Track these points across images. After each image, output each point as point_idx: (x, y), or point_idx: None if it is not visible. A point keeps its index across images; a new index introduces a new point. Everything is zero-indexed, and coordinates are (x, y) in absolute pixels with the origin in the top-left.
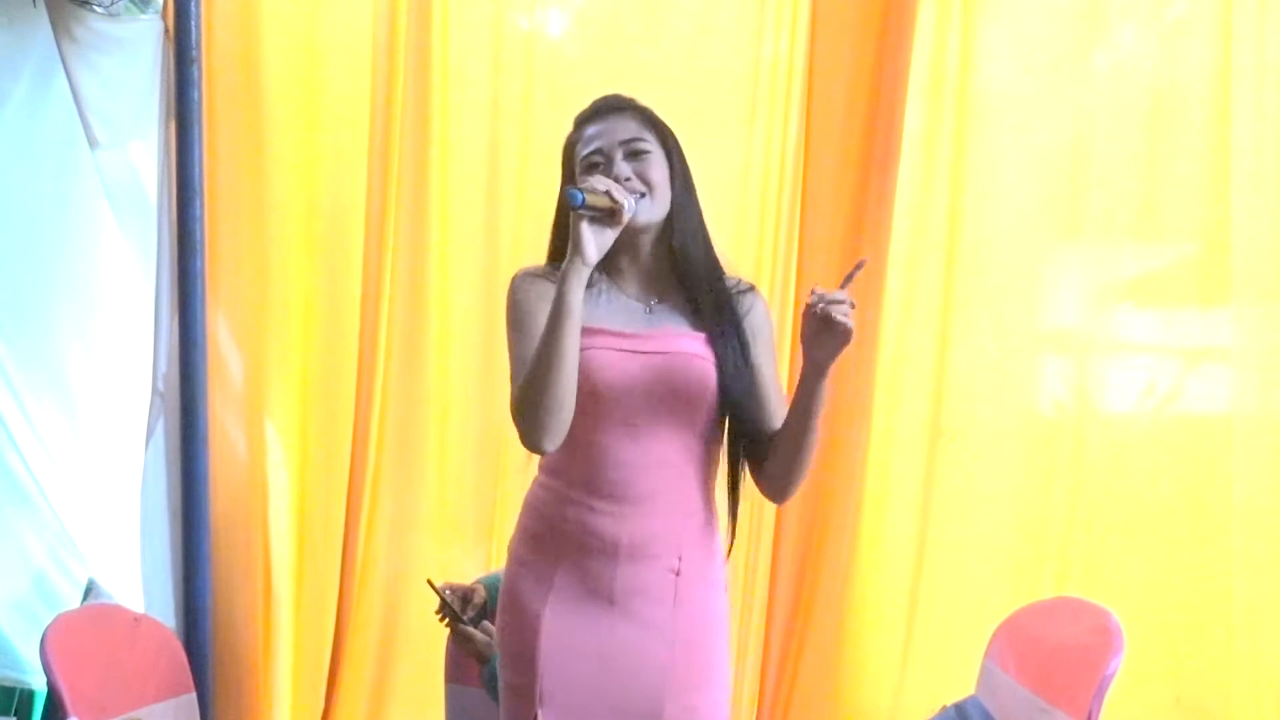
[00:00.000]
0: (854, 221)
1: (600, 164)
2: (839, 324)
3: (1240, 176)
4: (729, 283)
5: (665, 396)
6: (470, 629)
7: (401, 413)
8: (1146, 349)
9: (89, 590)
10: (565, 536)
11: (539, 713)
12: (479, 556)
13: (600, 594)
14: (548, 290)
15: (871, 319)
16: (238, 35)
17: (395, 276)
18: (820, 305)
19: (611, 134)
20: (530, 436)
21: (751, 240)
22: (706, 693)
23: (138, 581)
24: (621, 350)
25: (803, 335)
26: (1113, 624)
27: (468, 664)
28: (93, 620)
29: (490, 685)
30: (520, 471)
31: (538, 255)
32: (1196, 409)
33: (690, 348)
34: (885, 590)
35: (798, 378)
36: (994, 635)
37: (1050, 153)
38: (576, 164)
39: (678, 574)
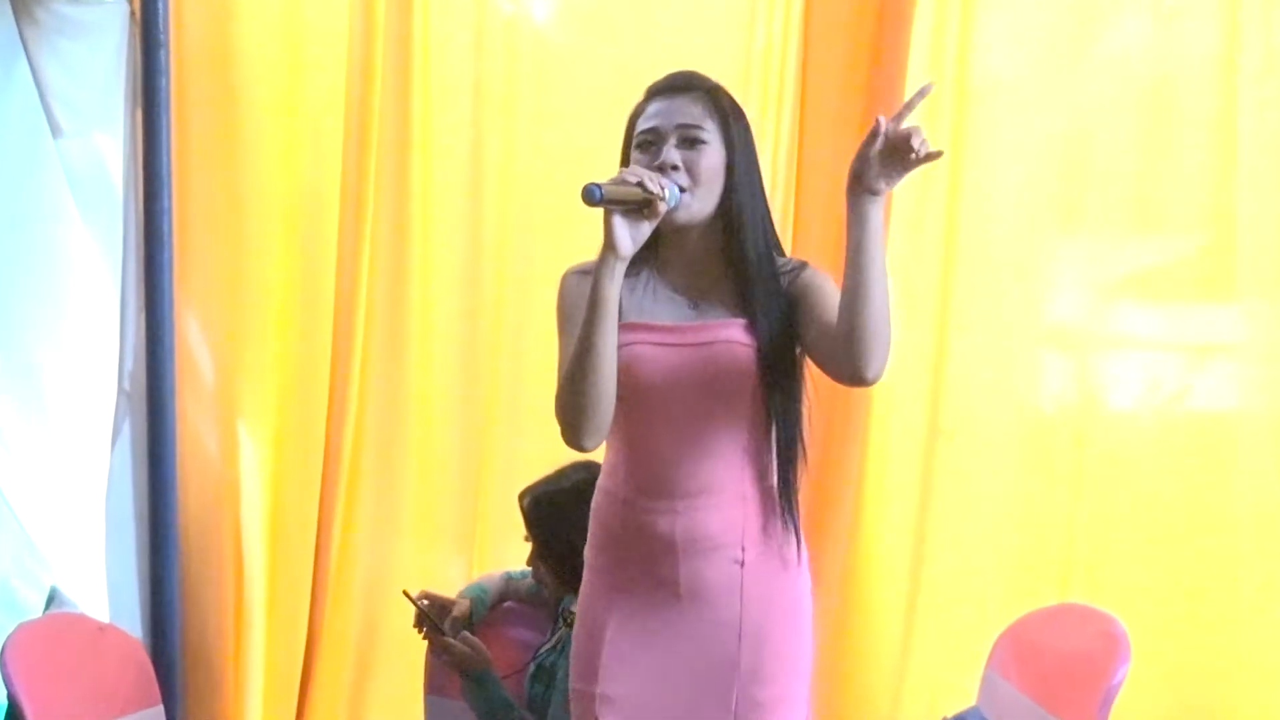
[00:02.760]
0: None
1: (653, 144)
2: (920, 151)
3: (1246, 166)
4: (780, 265)
5: (706, 387)
6: (450, 640)
7: (381, 413)
8: (1151, 345)
9: (52, 598)
10: (626, 539)
11: (598, 716)
12: (461, 564)
13: (666, 593)
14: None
15: None
16: (208, 19)
17: (374, 271)
18: (893, 134)
19: (671, 115)
20: (569, 434)
21: None
22: (775, 685)
23: (103, 589)
24: (662, 344)
25: (866, 172)
26: (1119, 631)
27: (448, 675)
28: (56, 630)
29: (471, 697)
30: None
31: (523, 248)
32: (1203, 407)
33: (730, 335)
34: (881, 597)
35: (848, 223)
36: (996, 644)
37: (1051, 143)
38: (633, 136)
39: (742, 565)
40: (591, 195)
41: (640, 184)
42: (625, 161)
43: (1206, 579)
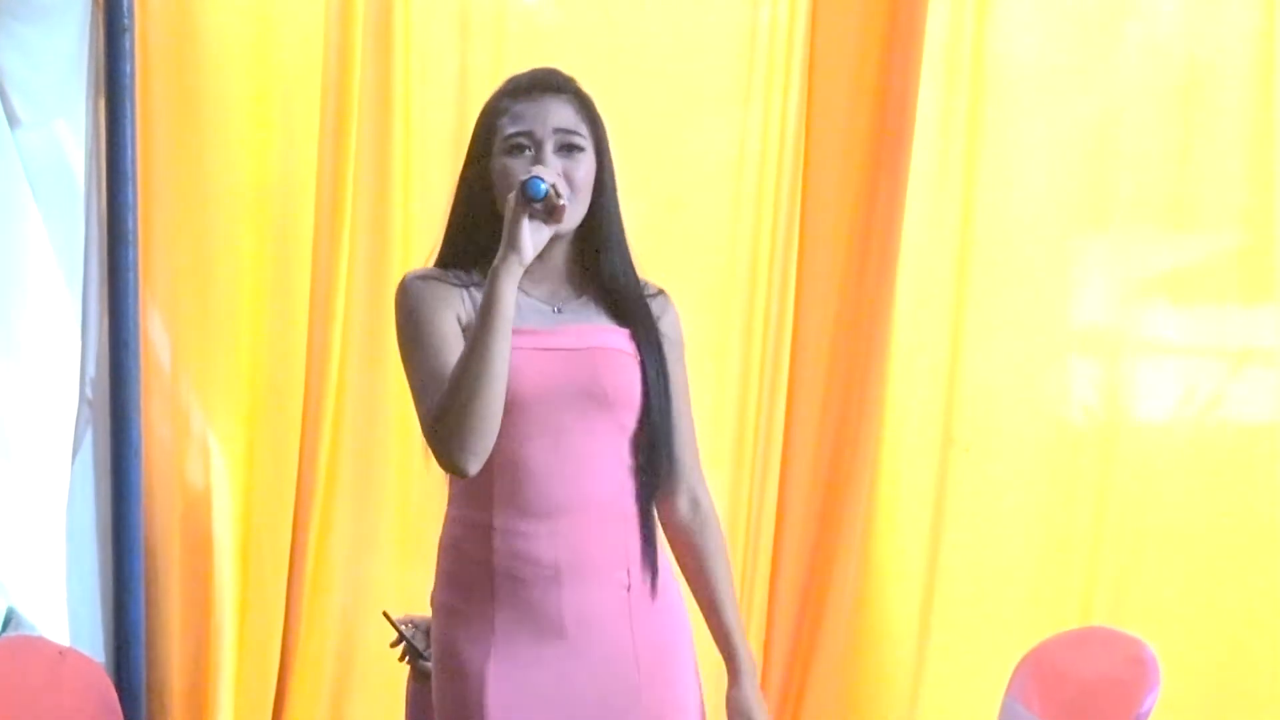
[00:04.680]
0: (861, 211)
1: (526, 148)
2: None
3: None
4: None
5: (591, 395)
6: (433, 666)
7: (359, 422)
8: (1184, 350)
9: (8, 620)
10: (496, 571)
11: None
12: None
13: (549, 627)
14: (448, 294)
15: (882, 318)
16: (176, 2)
17: (353, 271)
18: None
19: (545, 118)
20: (454, 457)
21: (746, 234)
22: (679, 716)
23: (63, 610)
24: (537, 349)
25: None
26: (1148, 656)
27: (430, 705)
28: (11, 654)
29: None
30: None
31: None
32: (1241, 416)
33: (614, 342)
34: (893, 619)
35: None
36: (1016, 669)
37: (1076, 132)
38: (495, 140)
39: (629, 589)
40: (537, 190)
41: (554, 186)
42: (481, 166)
43: (1242, 601)
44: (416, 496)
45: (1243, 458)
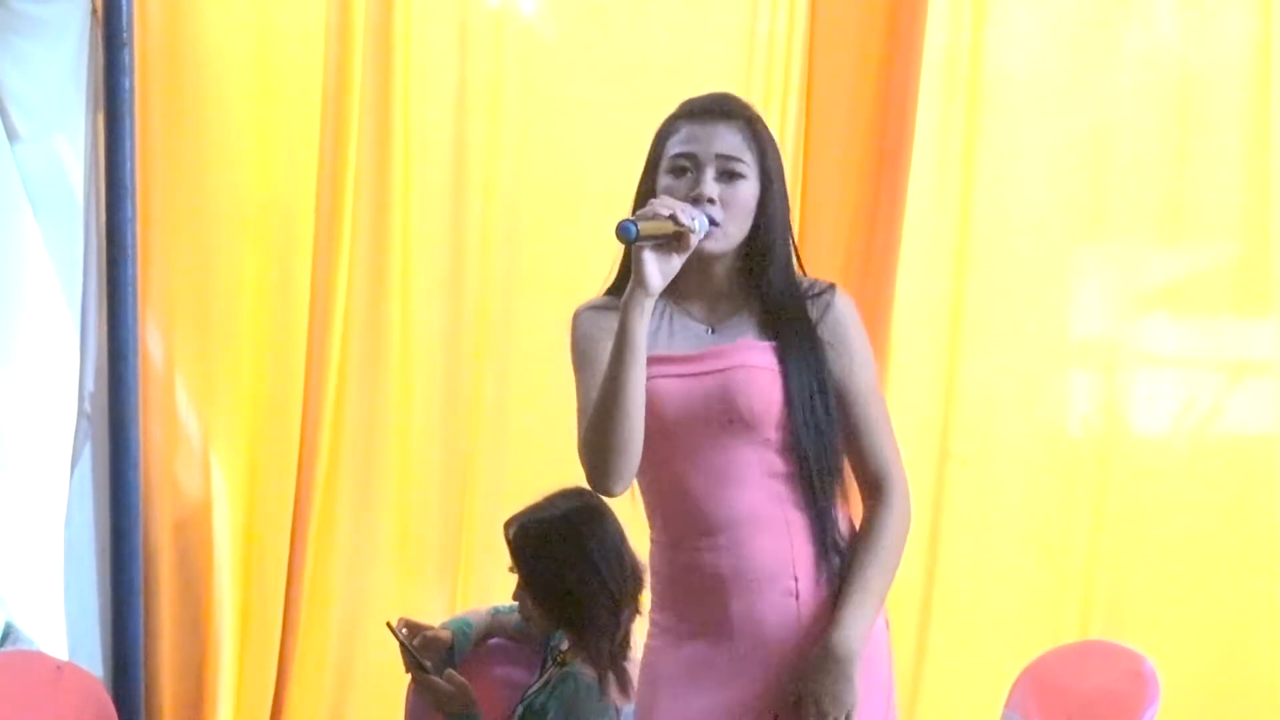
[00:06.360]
0: (860, 222)
1: (688, 170)
2: None
3: None
4: (803, 284)
5: (728, 416)
6: (433, 678)
7: (358, 434)
8: (1182, 362)
9: (6, 634)
10: (678, 584)
11: None
12: (443, 595)
13: (722, 633)
14: (612, 324)
15: (880, 329)
16: (174, 15)
17: (351, 284)
18: None
19: (710, 142)
20: (597, 480)
21: None
22: None
23: (61, 624)
24: (681, 376)
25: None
26: (1147, 670)
27: (431, 716)
28: (10, 668)
29: None
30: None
31: (508, 260)
32: (1239, 428)
33: (751, 359)
34: (893, 630)
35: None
36: (1015, 683)
37: (1073, 143)
38: (663, 158)
39: (797, 597)
40: (627, 233)
41: (673, 217)
42: (650, 181)
43: (1241, 614)
44: (415, 508)
45: (1240, 469)
